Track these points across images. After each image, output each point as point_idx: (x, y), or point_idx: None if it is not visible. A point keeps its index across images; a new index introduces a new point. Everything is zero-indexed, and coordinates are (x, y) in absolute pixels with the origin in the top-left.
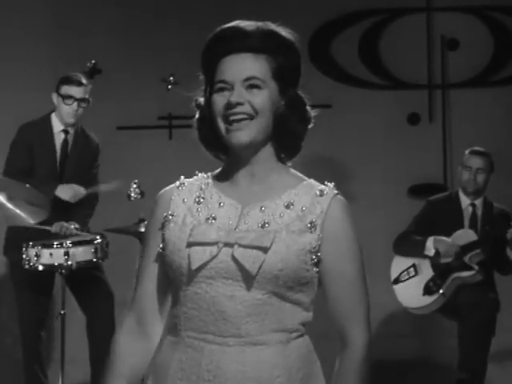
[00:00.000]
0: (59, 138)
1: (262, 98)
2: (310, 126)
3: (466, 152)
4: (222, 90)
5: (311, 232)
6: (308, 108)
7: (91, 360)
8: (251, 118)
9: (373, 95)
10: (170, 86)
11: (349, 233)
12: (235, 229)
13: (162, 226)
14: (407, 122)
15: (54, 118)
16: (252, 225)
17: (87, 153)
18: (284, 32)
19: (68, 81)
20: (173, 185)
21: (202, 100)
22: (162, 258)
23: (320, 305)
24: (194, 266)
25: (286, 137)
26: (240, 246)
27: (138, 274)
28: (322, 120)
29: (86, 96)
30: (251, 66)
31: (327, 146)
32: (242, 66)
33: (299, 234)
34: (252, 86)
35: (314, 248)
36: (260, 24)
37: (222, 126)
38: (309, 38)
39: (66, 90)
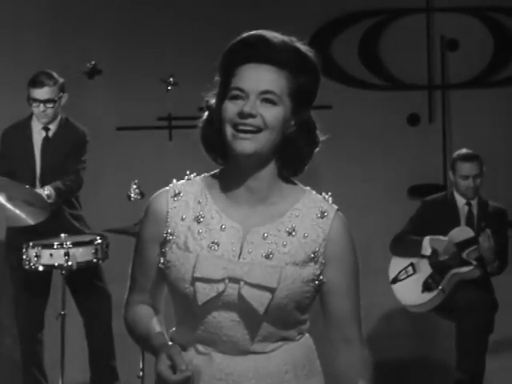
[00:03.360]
0: (40, 137)
1: (275, 114)
2: (316, 150)
3: (456, 156)
4: (236, 97)
5: (315, 262)
6: (317, 132)
7: (90, 361)
8: (259, 131)
9: (373, 96)
10: (169, 87)
11: (349, 251)
12: (239, 257)
13: (162, 244)
14: (407, 123)
15: (34, 117)
16: (256, 255)
17: (70, 138)
18: (309, 52)
19: (32, 83)
20: (165, 189)
21: (213, 102)
22: (162, 272)
23: (319, 306)
24: (201, 302)
25: (292, 158)
26: (246, 283)
27: (133, 275)
28: (322, 120)
29: (53, 96)
30: (270, 80)
31: (327, 146)
32: (262, 78)
33: (303, 266)
34: (267, 100)
35: (317, 276)
36: (286, 38)
37: (229, 131)
38: (309, 38)
39: (31, 92)
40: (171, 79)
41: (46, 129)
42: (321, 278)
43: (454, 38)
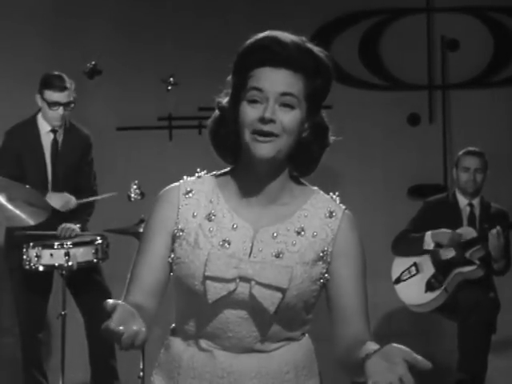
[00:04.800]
0: (48, 139)
1: (293, 118)
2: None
3: (461, 153)
4: (254, 101)
5: (323, 261)
6: (329, 133)
7: (91, 360)
8: (278, 136)
9: (373, 96)
10: (169, 87)
11: (357, 248)
12: (249, 255)
13: (173, 238)
14: (407, 123)
15: (40, 119)
16: (266, 254)
17: (78, 146)
18: (322, 55)
19: (51, 85)
20: (176, 185)
21: (225, 102)
22: (168, 266)
23: (319, 306)
24: (211, 301)
25: (304, 160)
26: (258, 283)
27: (134, 269)
28: None
29: (71, 99)
30: (290, 82)
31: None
32: (280, 80)
33: (312, 265)
34: (285, 105)
35: (323, 274)
36: (298, 40)
37: (247, 135)
38: (309, 38)
39: (50, 95)
40: (171, 79)
41: (54, 131)
42: (326, 275)
43: (454, 38)
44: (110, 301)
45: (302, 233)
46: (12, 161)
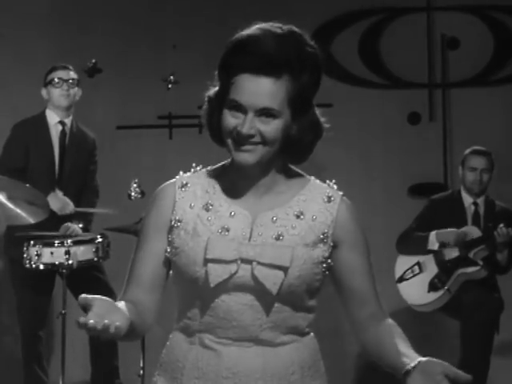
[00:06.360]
0: (56, 131)
1: (275, 128)
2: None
3: (467, 152)
4: (234, 108)
5: (324, 244)
6: (322, 124)
7: (91, 360)
8: (259, 144)
9: (373, 94)
10: (170, 86)
11: (359, 231)
12: (249, 240)
13: (170, 231)
14: (407, 122)
15: (48, 112)
16: (266, 237)
17: (84, 147)
18: (309, 48)
19: (53, 68)
20: (172, 181)
21: (213, 95)
22: (166, 261)
23: (325, 304)
24: (213, 284)
25: (296, 152)
26: (259, 263)
27: (132, 266)
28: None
29: (75, 77)
30: (269, 93)
31: (327, 145)
32: (260, 92)
33: (313, 246)
34: (266, 115)
35: (326, 257)
36: (282, 34)
37: (229, 142)
38: (309, 37)
39: (53, 75)
40: (171, 78)
41: (62, 123)
42: (329, 261)
43: (454, 37)
44: (83, 296)
45: (302, 216)
46: (18, 152)
